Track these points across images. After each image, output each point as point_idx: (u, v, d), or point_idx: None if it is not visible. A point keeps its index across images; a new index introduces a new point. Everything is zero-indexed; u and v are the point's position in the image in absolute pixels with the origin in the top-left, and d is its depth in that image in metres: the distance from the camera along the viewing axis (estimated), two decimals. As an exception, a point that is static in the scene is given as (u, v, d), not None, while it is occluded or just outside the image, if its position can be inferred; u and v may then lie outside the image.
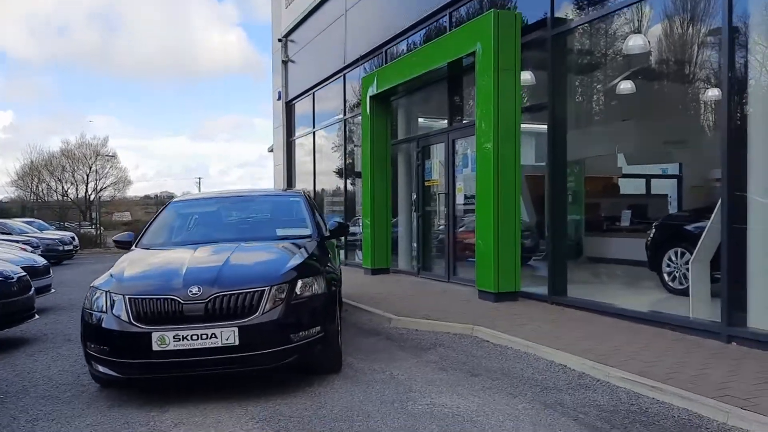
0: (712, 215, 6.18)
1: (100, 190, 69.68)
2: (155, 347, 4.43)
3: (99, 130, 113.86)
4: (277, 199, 6.86)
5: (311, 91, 16.27)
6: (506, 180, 8.10)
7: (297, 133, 17.87)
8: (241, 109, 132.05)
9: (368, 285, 10.45)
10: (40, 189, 72.66)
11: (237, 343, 4.48)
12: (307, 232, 6.01)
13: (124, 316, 4.56)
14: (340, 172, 14.41)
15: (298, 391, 4.84)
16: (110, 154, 62.34)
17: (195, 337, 4.44)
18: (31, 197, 69.07)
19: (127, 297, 4.61)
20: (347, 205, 14.21)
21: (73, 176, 73.33)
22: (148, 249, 5.83)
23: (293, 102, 17.80)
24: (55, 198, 70.33)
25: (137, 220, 39.21)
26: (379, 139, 11.65)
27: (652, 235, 8.70)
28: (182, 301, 4.52)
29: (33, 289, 7.33)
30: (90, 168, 71.78)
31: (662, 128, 10.46)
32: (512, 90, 8.09)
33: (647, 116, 10.74)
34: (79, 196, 69.91)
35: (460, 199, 9.99)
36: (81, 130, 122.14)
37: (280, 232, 6.04)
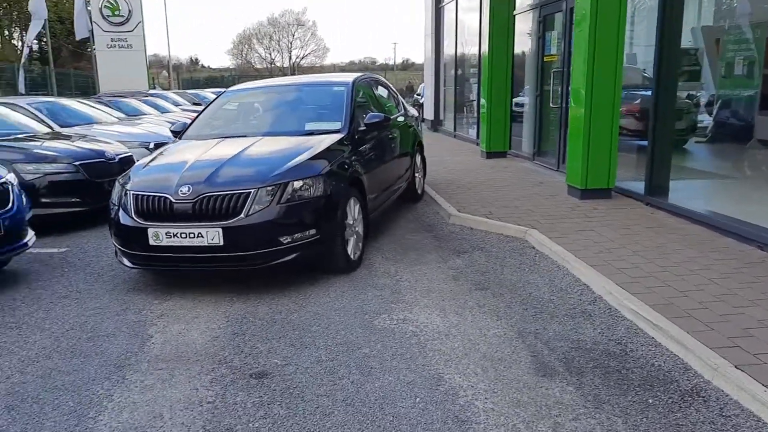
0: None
1: (302, 58, 73.34)
2: (151, 242, 4.69)
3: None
4: (322, 89, 6.60)
5: (456, -48, 15.03)
6: (606, 48, 6.92)
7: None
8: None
9: (471, 171, 9.97)
10: (252, 57, 78.16)
11: (222, 243, 4.58)
12: (337, 126, 5.76)
13: (130, 211, 4.85)
14: (476, 42, 13.43)
15: (294, 291, 4.88)
16: (304, 23, 64.84)
17: (183, 236, 4.61)
18: (244, 65, 75.16)
19: (131, 193, 4.88)
20: (480, 77, 13.34)
21: (279, 44, 77.73)
22: (188, 140, 6.05)
23: (442, -35, 16.65)
24: (264, 66, 75.92)
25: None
26: (500, 6, 10.53)
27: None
28: (173, 200, 4.68)
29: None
30: (293, 35, 75.40)
31: None
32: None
33: None
34: (284, 66, 74.55)
35: (575, 77, 8.82)
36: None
37: (309, 125, 5.86)
